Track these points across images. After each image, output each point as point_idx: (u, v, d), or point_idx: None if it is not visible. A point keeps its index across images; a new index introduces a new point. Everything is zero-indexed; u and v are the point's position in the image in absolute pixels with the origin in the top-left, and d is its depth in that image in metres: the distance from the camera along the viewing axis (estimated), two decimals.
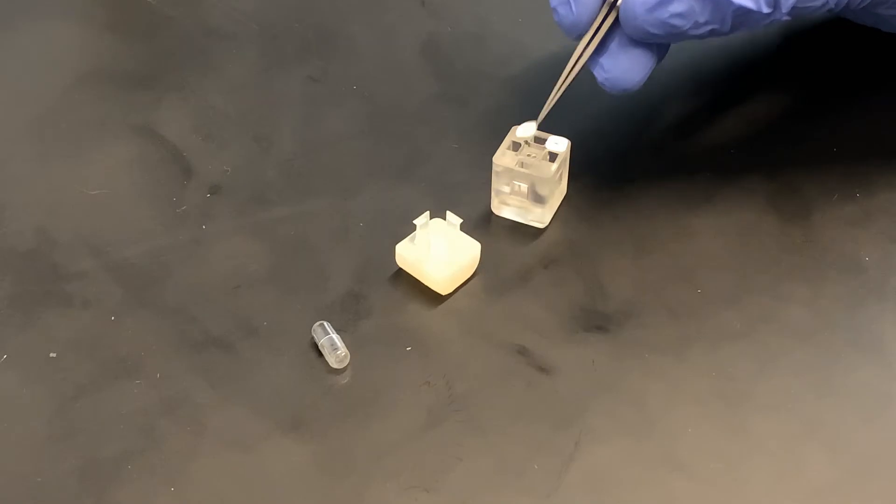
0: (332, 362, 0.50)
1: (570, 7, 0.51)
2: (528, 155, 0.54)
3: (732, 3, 0.49)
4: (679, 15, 0.49)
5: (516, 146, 0.55)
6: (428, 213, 0.53)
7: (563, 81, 0.54)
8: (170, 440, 0.47)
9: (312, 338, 0.51)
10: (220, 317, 0.52)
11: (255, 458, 0.47)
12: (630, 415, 0.48)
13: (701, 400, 0.49)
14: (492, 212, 0.56)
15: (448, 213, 0.53)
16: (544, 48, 0.64)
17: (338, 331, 0.50)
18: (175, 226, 0.55)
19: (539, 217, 0.55)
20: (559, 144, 0.54)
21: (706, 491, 0.46)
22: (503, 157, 0.54)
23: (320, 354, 0.50)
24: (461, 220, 0.53)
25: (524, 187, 0.54)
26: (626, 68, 0.52)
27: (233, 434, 0.48)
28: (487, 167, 0.55)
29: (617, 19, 0.51)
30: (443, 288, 0.52)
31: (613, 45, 0.52)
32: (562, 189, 0.56)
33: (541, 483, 0.46)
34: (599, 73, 0.52)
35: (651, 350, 0.50)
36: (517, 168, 0.54)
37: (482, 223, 0.55)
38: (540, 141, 0.55)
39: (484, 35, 0.65)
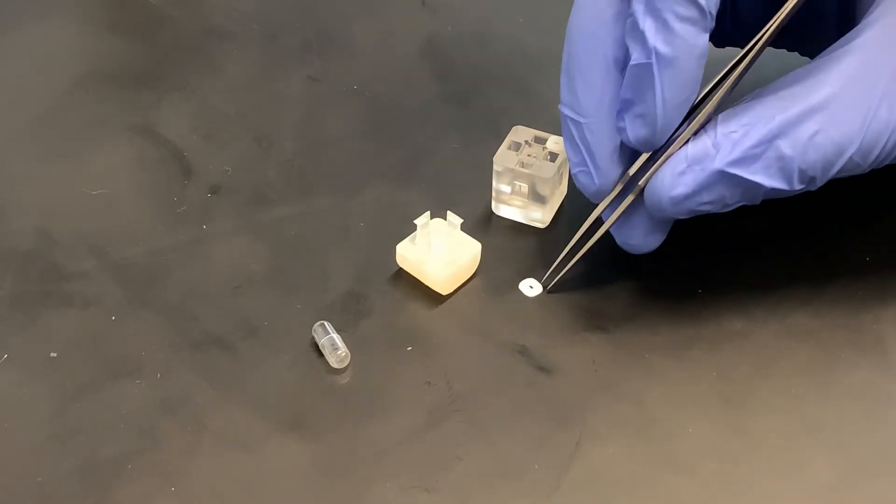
0: (333, 362, 0.50)
1: (592, 177, 0.49)
2: (529, 155, 0.54)
3: (763, 186, 0.47)
4: (708, 203, 0.48)
5: (517, 146, 0.55)
6: (428, 212, 0.53)
7: (579, 247, 0.52)
8: (170, 440, 0.47)
9: (313, 338, 0.51)
10: (220, 317, 0.52)
11: (255, 458, 0.47)
12: (630, 415, 0.48)
13: (701, 400, 0.49)
14: (492, 212, 0.56)
15: (448, 213, 0.53)
16: (544, 48, 0.64)
17: (338, 330, 0.50)
18: (175, 226, 0.55)
19: (540, 217, 0.55)
20: (560, 144, 0.54)
21: (706, 491, 0.46)
22: (504, 157, 0.54)
23: (321, 354, 0.50)
24: (462, 220, 0.53)
25: (525, 187, 0.54)
26: (645, 237, 0.51)
27: (233, 434, 0.48)
28: (488, 167, 0.55)
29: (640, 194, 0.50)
30: (443, 288, 0.52)
31: (635, 217, 0.50)
32: (562, 189, 0.56)
33: (541, 483, 0.46)
34: (618, 237, 0.51)
35: (651, 350, 0.50)
36: (518, 168, 0.54)
37: (483, 223, 0.55)
38: (540, 141, 0.55)
39: (484, 35, 0.65)
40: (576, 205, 0.56)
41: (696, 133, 0.48)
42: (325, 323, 0.51)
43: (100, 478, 0.46)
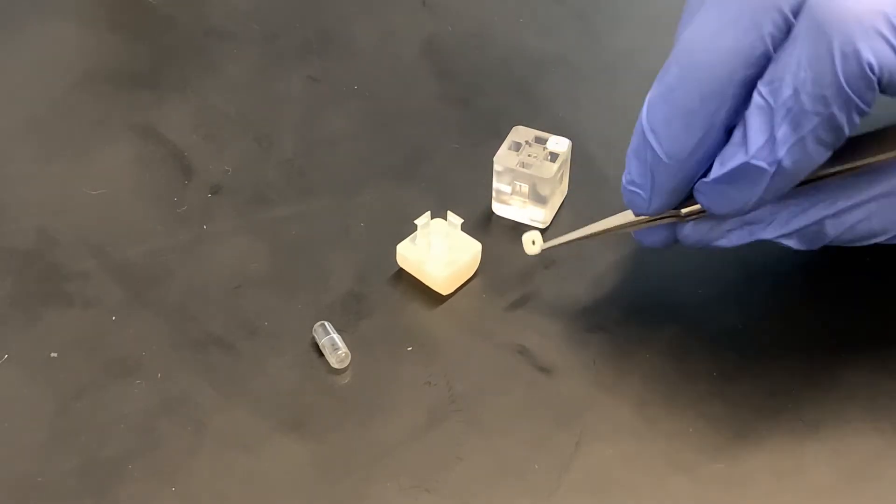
0: (333, 362, 0.50)
1: (646, 205, 0.47)
2: (530, 155, 0.54)
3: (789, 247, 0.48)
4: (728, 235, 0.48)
5: (517, 146, 0.55)
6: (429, 213, 0.53)
7: (593, 233, 0.50)
8: (170, 440, 0.47)
9: (313, 338, 0.51)
10: (220, 317, 0.52)
11: (255, 458, 0.47)
12: (630, 415, 0.48)
13: (701, 400, 0.49)
14: (493, 212, 0.56)
15: (449, 213, 0.53)
16: (544, 48, 0.64)
17: (338, 331, 0.50)
18: (176, 226, 0.55)
19: (540, 217, 0.55)
20: (560, 144, 0.54)
21: (707, 491, 0.46)
22: (504, 157, 0.54)
23: (321, 354, 0.50)
24: (462, 220, 0.53)
25: (525, 187, 0.54)
26: (664, 241, 0.50)
27: (233, 434, 0.48)
28: (488, 167, 0.55)
29: None
30: (443, 288, 0.52)
31: (661, 227, 0.49)
32: (563, 189, 0.56)
33: (541, 483, 0.46)
34: (637, 233, 0.50)
35: (651, 350, 0.50)
36: (518, 168, 0.54)
37: (483, 223, 0.55)
38: (541, 141, 0.55)
39: (485, 35, 0.65)
40: (576, 205, 0.56)
41: None
42: (326, 323, 0.51)
43: (100, 478, 0.46)
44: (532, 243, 0.50)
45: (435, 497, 0.46)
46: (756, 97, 0.44)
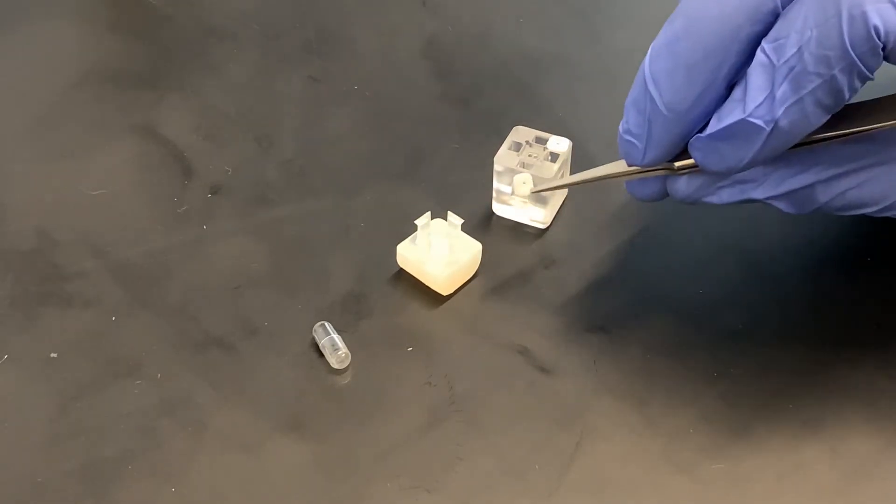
0: (333, 363, 0.50)
1: (640, 155, 0.47)
2: (530, 155, 0.54)
3: (780, 209, 0.47)
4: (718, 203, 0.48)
5: (517, 146, 0.55)
6: (429, 213, 0.53)
7: (585, 180, 0.50)
8: (170, 440, 0.47)
9: (313, 338, 0.51)
10: (220, 317, 0.52)
11: (255, 458, 0.47)
12: (631, 415, 0.48)
13: (701, 400, 0.49)
14: (493, 212, 0.56)
15: (449, 213, 0.53)
16: (544, 48, 0.64)
17: (339, 331, 0.50)
18: (176, 226, 0.55)
19: (540, 217, 0.55)
20: (560, 144, 0.54)
21: (707, 491, 0.46)
22: (505, 157, 0.54)
23: (321, 355, 0.50)
24: (462, 221, 0.53)
25: None
26: (650, 192, 0.49)
27: (233, 434, 0.48)
28: (488, 167, 0.55)
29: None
30: (444, 288, 0.52)
31: (653, 179, 0.49)
32: (563, 189, 0.56)
33: (542, 483, 0.46)
34: (629, 185, 0.49)
35: (652, 350, 0.50)
36: (518, 168, 0.54)
37: (483, 223, 0.55)
38: (541, 141, 0.55)
39: (485, 35, 0.65)
40: (576, 205, 0.56)
41: None
42: (326, 323, 0.51)
43: (100, 478, 0.46)
44: (523, 183, 0.51)
45: (435, 497, 0.46)
46: (759, 54, 0.43)
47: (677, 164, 0.47)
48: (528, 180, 0.52)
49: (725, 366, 0.50)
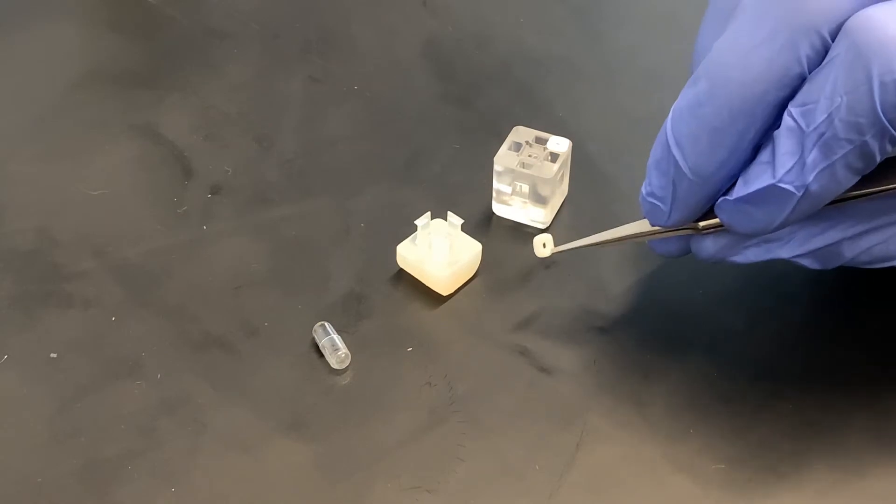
0: (333, 363, 0.50)
1: (664, 217, 0.46)
2: (530, 155, 0.54)
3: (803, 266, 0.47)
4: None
5: (518, 146, 0.55)
6: (429, 213, 0.53)
7: (606, 240, 0.50)
8: (170, 440, 0.47)
9: (313, 338, 0.51)
10: (220, 317, 0.52)
11: (255, 458, 0.47)
12: (631, 415, 0.48)
13: (701, 400, 0.49)
14: (493, 212, 0.56)
15: (449, 213, 0.53)
16: (544, 48, 0.64)
17: (339, 331, 0.50)
18: (176, 226, 0.55)
19: (540, 217, 0.55)
20: (560, 145, 0.54)
21: (707, 491, 0.46)
22: (504, 158, 0.54)
23: (321, 355, 0.50)
24: (462, 221, 0.53)
25: (525, 188, 0.54)
26: (674, 249, 0.49)
27: (233, 434, 0.48)
28: (488, 167, 0.55)
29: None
30: (444, 288, 0.52)
31: (675, 238, 0.48)
32: (563, 189, 0.56)
33: (542, 483, 0.46)
34: (653, 243, 0.49)
35: (651, 350, 0.50)
36: (518, 168, 0.54)
37: (483, 224, 0.55)
38: (541, 141, 0.55)
39: (485, 35, 0.65)
40: (576, 205, 0.56)
41: None
42: (326, 323, 0.51)
43: (100, 478, 0.46)
44: (543, 246, 0.50)
45: (435, 497, 0.46)
46: (787, 118, 0.42)
47: (702, 223, 0.47)
48: (549, 241, 0.50)
49: (725, 366, 0.50)
